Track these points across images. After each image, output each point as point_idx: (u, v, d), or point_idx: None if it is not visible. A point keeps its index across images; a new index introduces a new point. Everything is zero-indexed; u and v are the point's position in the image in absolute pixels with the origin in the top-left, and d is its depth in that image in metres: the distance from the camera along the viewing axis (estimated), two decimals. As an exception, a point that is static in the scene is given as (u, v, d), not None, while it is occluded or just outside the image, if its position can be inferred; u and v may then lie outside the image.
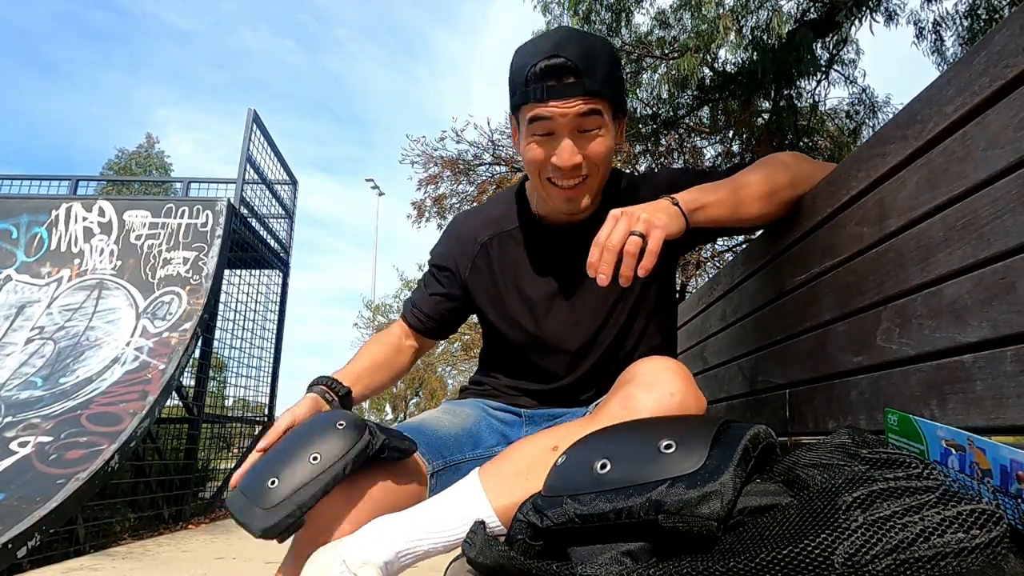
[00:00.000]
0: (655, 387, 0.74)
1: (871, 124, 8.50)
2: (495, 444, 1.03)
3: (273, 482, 0.75)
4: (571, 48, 0.88)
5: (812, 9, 7.01)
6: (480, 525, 0.62)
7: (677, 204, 0.82)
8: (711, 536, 0.48)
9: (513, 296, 1.08)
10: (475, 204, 8.09)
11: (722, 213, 0.86)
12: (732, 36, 6.19)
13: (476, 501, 0.72)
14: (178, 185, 5.94)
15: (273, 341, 6.46)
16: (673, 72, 7.31)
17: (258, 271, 6.38)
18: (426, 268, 1.23)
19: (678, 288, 9.93)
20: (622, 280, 0.76)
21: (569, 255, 1.04)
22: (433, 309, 1.19)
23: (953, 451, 0.54)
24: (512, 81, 0.95)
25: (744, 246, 6.92)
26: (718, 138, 9.72)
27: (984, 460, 0.50)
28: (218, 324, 5.46)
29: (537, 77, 0.89)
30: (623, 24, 7.63)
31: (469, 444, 1.00)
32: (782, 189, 0.94)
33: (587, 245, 0.96)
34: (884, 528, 0.42)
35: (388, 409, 25.69)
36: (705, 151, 10.23)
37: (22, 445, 3.42)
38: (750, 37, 6.71)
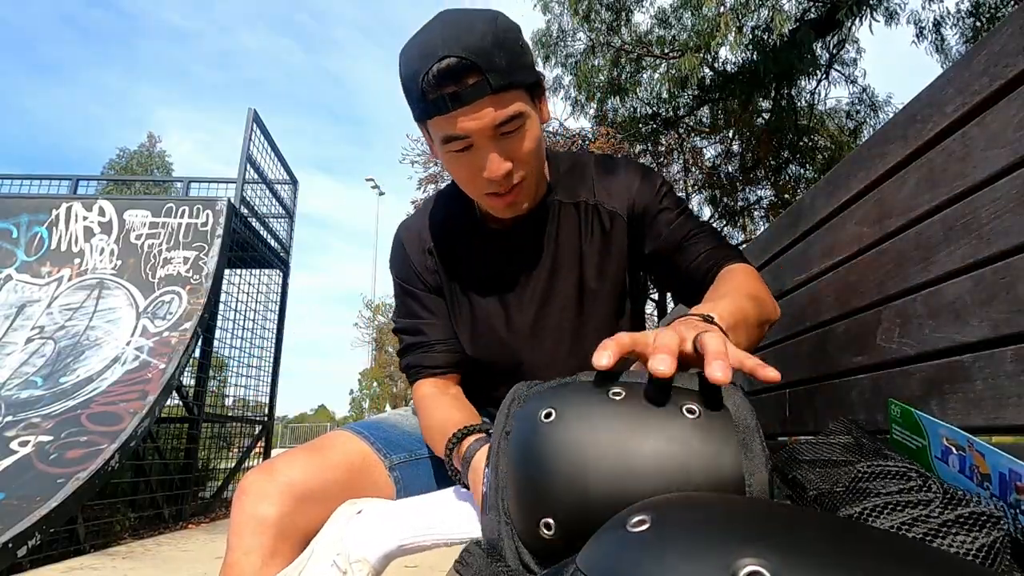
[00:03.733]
0: None
1: (871, 124, 8.50)
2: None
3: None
4: (461, 41, 0.75)
5: (813, 8, 7.01)
6: (475, 545, 0.59)
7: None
8: None
9: (464, 307, 1.00)
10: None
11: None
12: (732, 35, 6.19)
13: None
14: (178, 185, 5.95)
15: (273, 341, 6.46)
16: (673, 71, 7.31)
17: (258, 271, 6.38)
18: (400, 307, 1.03)
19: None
20: None
21: (516, 258, 0.97)
22: (454, 334, 1.00)
23: (954, 450, 0.53)
24: (407, 92, 0.81)
25: (744, 246, 6.93)
26: (718, 138, 9.72)
27: (983, 464, 0.49)
28: (218, 324, 5.46)
29: (433, 86, 0.76)
30: (623, 23, 7.63)
31: None
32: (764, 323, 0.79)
33: (534, 245, 0.95)
34: None
35: (388, 408, 25.73)
36: (705, 151, 10.23)
37: (22, 444, 3.43)
38: (750, 36, 6.71)
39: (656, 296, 9.75)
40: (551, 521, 0.46)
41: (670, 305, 9.92)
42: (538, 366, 0.99)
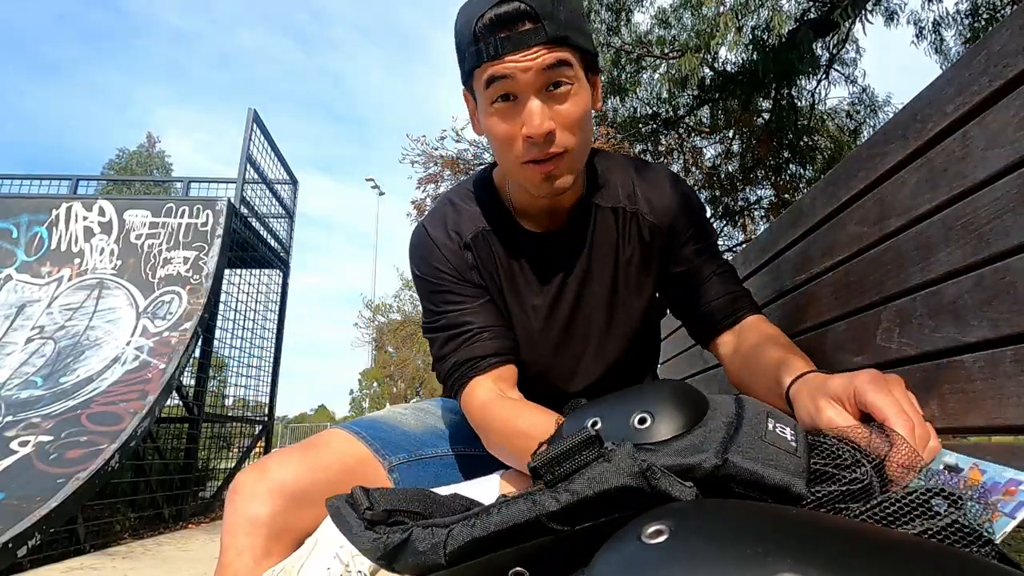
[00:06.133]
0: None
1: (871, 124, 8.50)
2: (475, 443, 0.96)
3: None
4: None
5: (812, 8, 7.01)
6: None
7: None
8: None
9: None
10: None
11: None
12: (732, 35, 6.19)
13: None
14: (178, 185, 5.95)
15: (273, 341, 6.46)
16: (673, 72, 7.32)
17: (258, 271, 6.38)
18: (433, 305, 0.91)
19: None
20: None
21: (550, 260, 0.92)
22: (505, 320, 0.91)
23: (946, 474, 0.52)
24: (459, 44, 0.78)
25: (744, 246, 6.95)
26: (718, 138, 9.72)
27: (977, 476, 0.49)
28: (218, 324, 5.46)
29: (486, 29, 0.73)
30: (623, 23, 7.63)
31: (443, 442, 0.97)
32: None
33: (569, 247, 0.92)
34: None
35: (388, 407, 25.65)
36: (705, 151, 10.23)
37: (22, 444, 3.42)
38: (750, 36, 6.71)
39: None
40: None
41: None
42: (564, 371, 0.98)
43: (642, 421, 0.49)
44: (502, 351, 0.87)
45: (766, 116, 8.31)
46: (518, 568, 0.40)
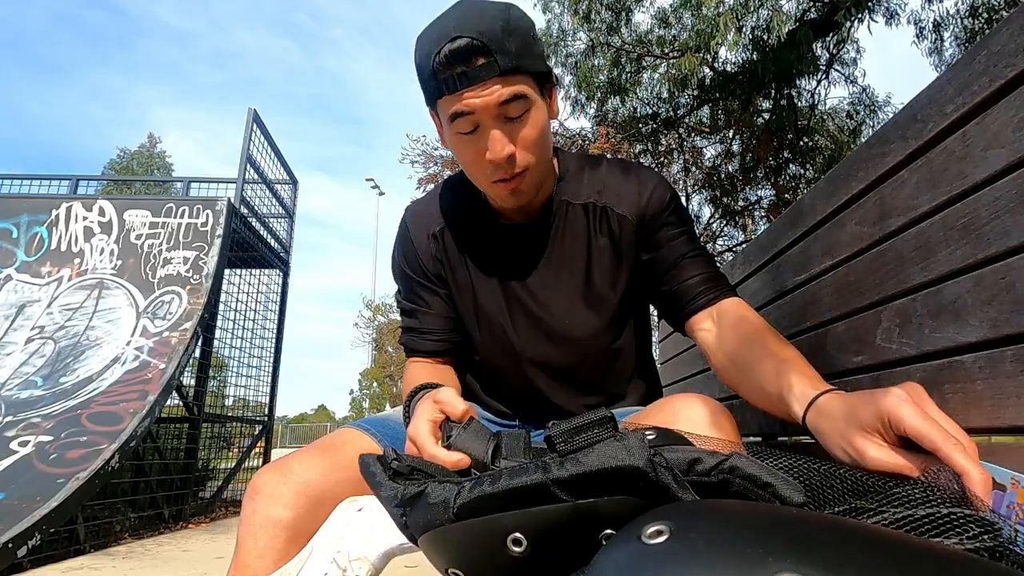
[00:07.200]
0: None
1: (871, 124, 8.50)
2: None
3: None
4: (473, 24, 0.78)
5: (812, 9, 7.01)
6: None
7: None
8: None
9: (468, 299, 1.01)
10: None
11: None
12: (732, 35, 6.19)
13: None
14: (178, 185, 5.95)
15: (273, 341, 6.46)
16: (673, 71, 7.32)
17: (258, 271, 6.38)
18: (400, 288, 1.07)
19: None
20: None
21: (523, 255, 0.98)
22: (446, 323, 1.03)
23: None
24: (420, 74, 0.84)
25: (744, 246, 6.96)
26: (718, 137, 9.72)
27: None
28: (218, 324, 5.46)
29: (444, 65, 0.79)
30: (623, 23, 7.63)
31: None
32: None
33: (541, 243, 0.97)
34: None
35: (388, 408, 25.66)
36: (705, 151, 10.23)
37: (22, 444, 3.42)
38: (750, 36, 6.71)
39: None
40: None
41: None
42: (538, 363, 1.01)
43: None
44: (435, 352, 1.03)
45: (766, 116, 8.31)
46: (518, 534, 0.41)
